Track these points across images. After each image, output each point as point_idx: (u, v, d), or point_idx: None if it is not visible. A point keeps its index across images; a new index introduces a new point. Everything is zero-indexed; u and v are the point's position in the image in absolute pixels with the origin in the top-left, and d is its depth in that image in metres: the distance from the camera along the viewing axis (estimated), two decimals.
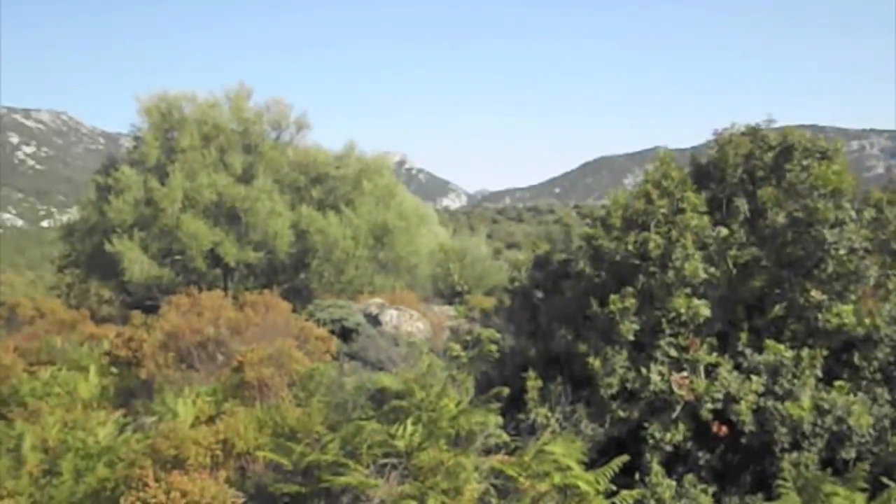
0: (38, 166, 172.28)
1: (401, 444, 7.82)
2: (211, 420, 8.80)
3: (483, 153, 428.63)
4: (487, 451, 8.58)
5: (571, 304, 10.68)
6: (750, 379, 9.66)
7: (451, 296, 29.93)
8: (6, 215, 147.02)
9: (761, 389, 9.62)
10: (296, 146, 35.57)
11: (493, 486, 8.03)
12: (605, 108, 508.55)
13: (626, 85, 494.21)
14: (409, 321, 17.69)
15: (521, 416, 9.78)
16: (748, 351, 10.02)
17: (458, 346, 9.72)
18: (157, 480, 6.98)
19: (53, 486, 8.12)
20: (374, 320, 17.57)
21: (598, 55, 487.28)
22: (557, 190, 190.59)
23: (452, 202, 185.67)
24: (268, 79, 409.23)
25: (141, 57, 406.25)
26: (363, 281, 32.49)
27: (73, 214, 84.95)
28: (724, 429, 9.60)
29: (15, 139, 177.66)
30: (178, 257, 31.89)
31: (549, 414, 9.77)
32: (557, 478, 8.19)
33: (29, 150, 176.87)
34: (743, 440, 9.63)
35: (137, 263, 30.77)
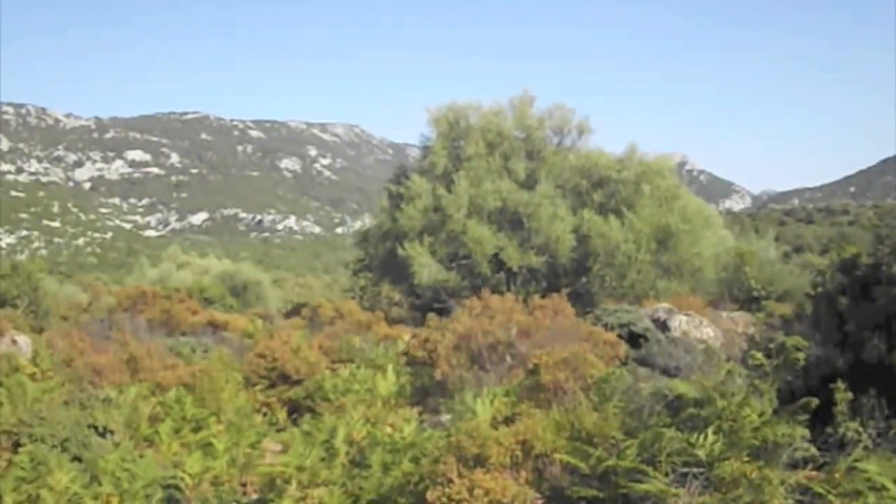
0: (333, 177, 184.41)
1: (701, 453, 7.57)
2: (507, 421, 8.96)
3: (769, 152, 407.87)
4: (793, 466, 8.11)
5: (884, 312, 9.92)
6: None
7: (747, 301, 28.69)
8: (305, 223, 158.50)
9: None
10: (577, 150, 35.67)
11: (800, 502, 7.59)
12: None
13: None
14: (698, 327, 17.16)
15: (829, 430, 9.18)
16: None
17: (759, 355, 9.26)
18: (460, 477, 7.20)
19: (363, 477, 8.59)
20: (663, 325, 17.20)
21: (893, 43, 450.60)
22: (852, 189, 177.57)
23: (736, 203, 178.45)
24: (550, 83, 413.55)
25: (426, 71, 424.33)
26: (645, 285, 32.00)
27: (365, 221, 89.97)
28: None
29: (313, 152, 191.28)
30: (463, 261, 32.93)
31: (861, 429, 9.09)
32: (872, 498, 7.60)
33: (325, 161, 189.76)
34: None
35: (426, 267, 32.09)
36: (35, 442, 9.53)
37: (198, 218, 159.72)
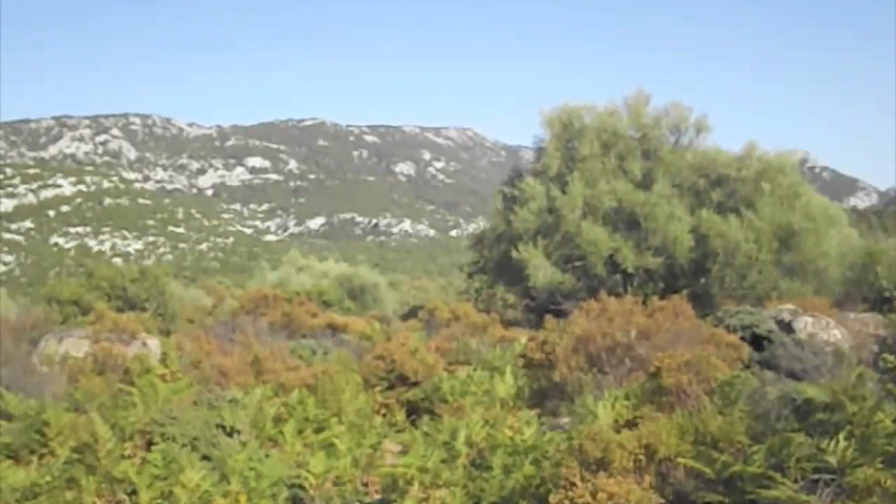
0: (447, 180, 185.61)
1: (832, 459, 7.32)
2: (629, 424, 8.86)
3: None
4: None
5: None
6: None
7: (877, 302, 27.57)
8: (420, 226, 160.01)
9: None
10: (695, 149, 34.99)
11: None
12: None
13: None
14: (825, 329, 16.59)
15: None
16: None
17: (892, 357, 8.90)
18: (582, 480, 7.15)
19: (484, 479, 8.62)
20: (787, 327, 16.69)
21: None
22: None
23: (861, 201, 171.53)
24: (665, 82, 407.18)
25: (538, 72, 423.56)
26: (767, 286, 31.17)
27: (479, 224, 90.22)
28: None
29: (427, 156, 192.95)
30: (578, 263, 32.67)
31: None
32: None
33: (439, 165, 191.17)
34: None
35: (541, 269, 31.98)
36: (167, 441, 9.87)
37: (315, 222, 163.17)
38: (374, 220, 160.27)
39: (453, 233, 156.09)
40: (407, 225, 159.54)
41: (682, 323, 14.35)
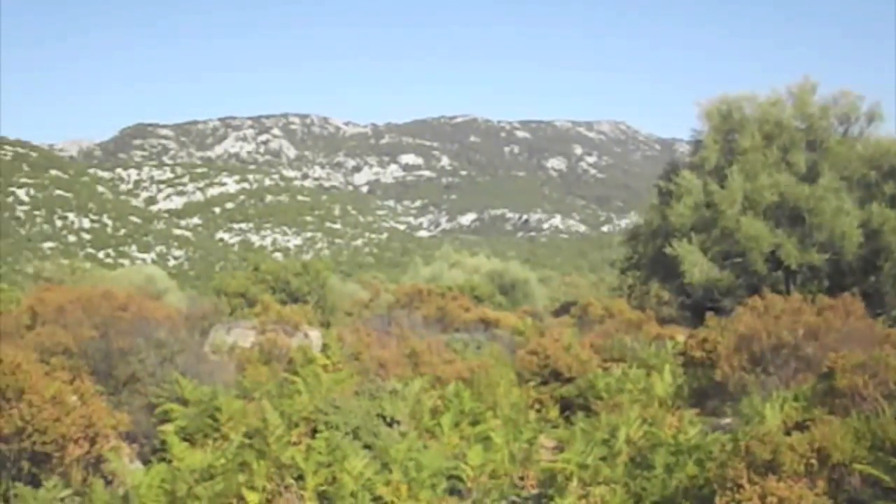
0: (598, 175, 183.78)
1: None
2: (798, 426, 8.50)
3: None
4: None
5: None
6: None
7: None
8: (571, 221, 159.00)
9: None
10: (866, 139, 33.23)
11: None
12: None
13: None
14: None
15: None
16: None
17: None
18: (750, 483, 6.90)
19: (645, 478, 8.46)
20: None
21: None
22: None
23: None
24: (832, 70, 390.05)
25: (692, 64, 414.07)
26: None
27: (631, 219, 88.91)
28: None
29: (579, 150, 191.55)
30: (737, 260, 31.59)
31: None
32: None
33: (591, 160, 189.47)
34: None
35: (697, 266, 31.06)
36: (330, 429, 10.14)
37: (467, 218, 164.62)
38: (524, 216, 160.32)
39: (605, 228, 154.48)
40: (557, 220, 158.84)
41: (854, 323, 13.64)
